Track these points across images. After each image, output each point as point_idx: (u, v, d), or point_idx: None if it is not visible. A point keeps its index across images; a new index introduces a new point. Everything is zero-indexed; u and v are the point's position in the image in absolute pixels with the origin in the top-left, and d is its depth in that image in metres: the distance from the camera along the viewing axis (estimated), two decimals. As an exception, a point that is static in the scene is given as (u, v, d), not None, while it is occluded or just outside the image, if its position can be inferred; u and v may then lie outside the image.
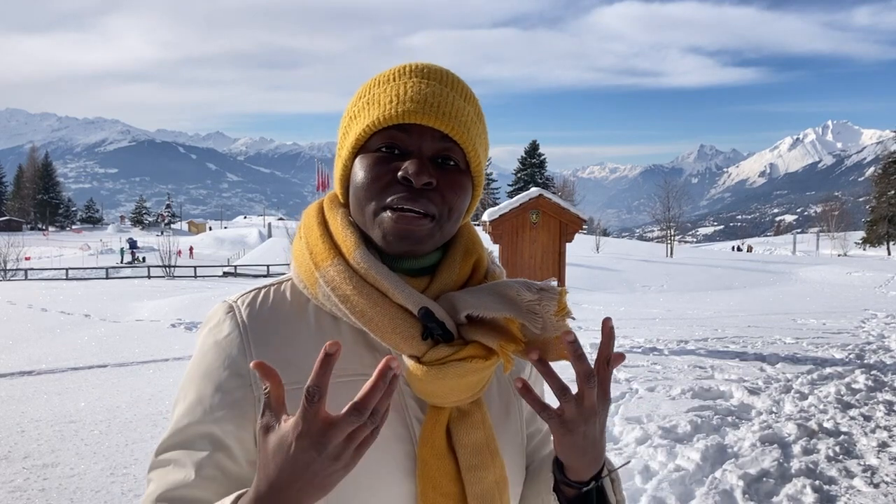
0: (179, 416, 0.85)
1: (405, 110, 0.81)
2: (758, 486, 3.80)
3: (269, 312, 0.88)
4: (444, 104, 0.83)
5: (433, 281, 0.87)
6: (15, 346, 9.26)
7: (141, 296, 18.82)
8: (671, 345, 8.32)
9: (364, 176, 0.83)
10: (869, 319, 11.34)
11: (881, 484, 3.85)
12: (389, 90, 0.84)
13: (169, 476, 0.82)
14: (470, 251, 0.91)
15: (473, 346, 0.83)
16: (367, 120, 0.83)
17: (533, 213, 7.67)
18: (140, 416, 5.26)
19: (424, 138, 0.83)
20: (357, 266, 0.83)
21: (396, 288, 0.82)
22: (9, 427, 4.97)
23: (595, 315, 12.96)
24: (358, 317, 0.82)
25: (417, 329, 0.82)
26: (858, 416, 5.15)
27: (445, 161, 0.85)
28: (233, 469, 0.83)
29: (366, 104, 0.85)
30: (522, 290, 0.83)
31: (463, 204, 0.87)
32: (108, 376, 6.98)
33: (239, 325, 0.86)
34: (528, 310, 0.82)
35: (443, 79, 0.87)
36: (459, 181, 0.85)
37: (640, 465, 4.06)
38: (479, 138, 0.88)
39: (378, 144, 0.84)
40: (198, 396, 0.85)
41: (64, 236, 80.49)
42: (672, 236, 49.18)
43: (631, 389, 5.92)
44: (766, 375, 6.53)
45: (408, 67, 0.87)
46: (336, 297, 0.83)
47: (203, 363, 0.87)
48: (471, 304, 0.83)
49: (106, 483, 3.85)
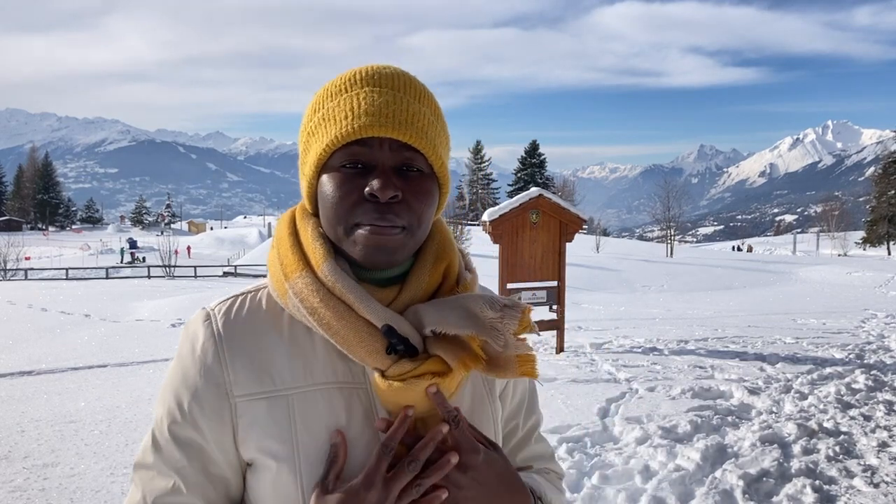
0: (160, 419, 0.88)
1: (361, 125, 0.81)
2: (758, 486, 3.79)
3: (244, 321, 0.89)
4: (399, 112, 0.83)
5: (401, 292, 0.87)
6: (15, 346, 9.26)
7: (141, 296, 18.83)
8: (671, 345, 8.32)
9: (332, 196, 0.84)
10: (869, 319, 11.34)
11: (881, 484, 3.85)
12: (343, 103, 0.84)
13: (155, 482, 0.87)
14: (441, 257, 0.91)
15: (433, 361, 0.83)
16: (326, 139, 0.83)
17: (533, 213, 7.67)
18: (140, 416, 5.25)
19: (385, 150, 0.83)
20: (324, 279, 0.84)
21: (362, 302, 0.83)
22: (9, 427, 4.97)
23: (595, 315, 12.97)
24: (325, 329, 0.83)
25: (382, 343, 0.82)
26: (858, 416, 5.15)
27: (409, 169, 0.84)
28: (215, 472, 0.87)
29: (321, 120, 0.85)
30: (486, 307, 0.84)
31: (431, 210, 0.87)
32: (108, 376, 6.98)
33: (214, 333, 0.88)
34: (491, 327, 0.83)
35: (395, 83, 0.86)
36: (425, 187, 0.85)
37: (640, 464, 4.05)
38: (438, 139, 0.87)
39: (341, 161, 0.84)
40: (177, 402, 0.87)
41: (64, 236, 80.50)
42: (672, 236, 49.20)
43: (631, 389, 5.92)
44: (766, 375, 6.53)
45: (358, 74, 0.86)
46: (304, 309, 0.84)
47: (180, 369, 0.89)
48: (435, 319, 0.84)
49: (106, 483, 3.85)
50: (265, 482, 0.85)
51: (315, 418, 0.84)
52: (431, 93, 0.91)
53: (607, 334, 9.41)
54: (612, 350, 8.01)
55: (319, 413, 0.84)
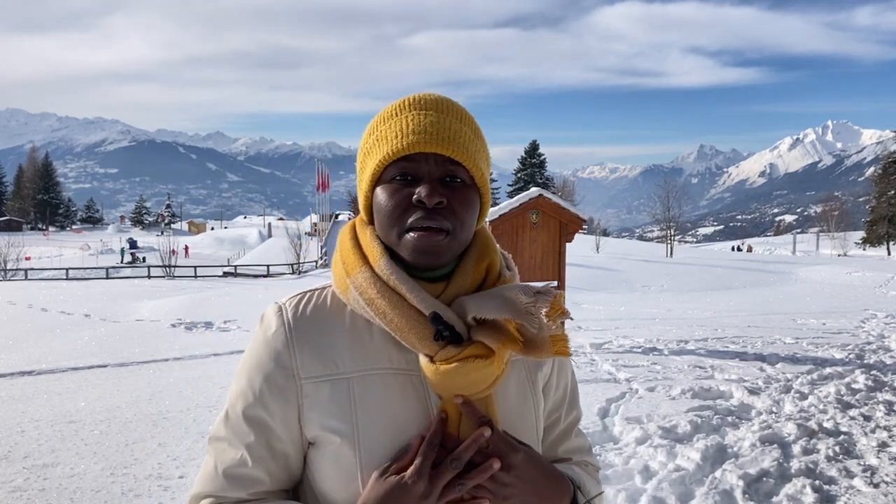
0: (234, 397, 1.00)
1: (409, 142, 0.93)
2: (758, 486, 3.79)
3: (311, 313, 1.01)
4: (443, 130, 0.95)
5: (448, 286, 0.98)
6: (15, 346, 9.26)
7: (141, 296, 18.82)
8: (671, 345, 8.32)
9: (385, 204, 0.96)
10: (869, 319, 11.34)
11: (881, 484, 3.85)
12: (394, 125, 0.96)
13: (226, 454, 0.99)
14: (482, 256, 1.02)
15: (476, 346, 0.93)
16: (379, 156, 0.96)
17: (533, 213, 7.67)
18: (140, 416, 5.25)
19: (430, 163, 0.95)
20: (381, 273, 0.96)
21: (412, 292, 0.94)
22: (9, 427, 4.97)
23: (595, 315, 12.96)
24: (381, 318, 0.95)
25: (431, 331, 0.92)
26: (858, 416, 5.15)
27: (452, 180, 0.96)
28: (278, 448, 0.98)
29: (375, 140, 0.98)
30: (520, 294, 0.94)
31: (473, 216, 0.98)
32: (108, 376, 6.98)
33: (285, 323, 1.00)
34: (526, 311, 0.92)
35: (439, 107, 0.98)
36: (466, 196, 0.97)
37: (640, 465, 4.06)
38: (478, 154, 0.99)
39: (392, 175, 0.96)
40: (249, 384, 0.99)
41: (64, 236, 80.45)
42: (672, 236, 49.16)
43: (631, 389, 5.92)
44: (766, 375, 6.53)
45: (407, 101, 0.99)
46: (363, 301, 0.96)
47: (254, 355, 1.00)
48: (476, 307, 0.94)
49: (106, 483, 3.85)
50: (327, 457, 0.96)
51: (372, 399, 0.95)
52: (471, 115, 1.03)
53: (607, 334, 9.41)
54: (612, 350, 8.01)
55: (376, 395, 0.95)
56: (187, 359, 8.06)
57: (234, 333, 10.58)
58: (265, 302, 10.80)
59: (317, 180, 57.85)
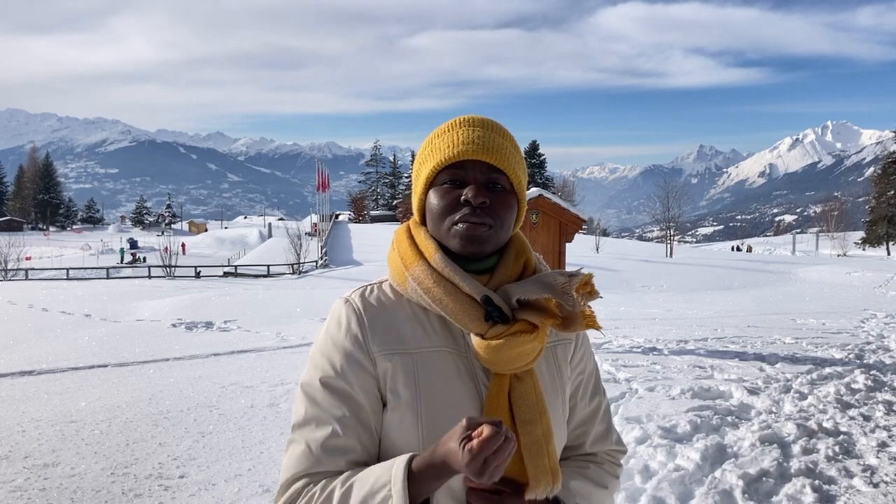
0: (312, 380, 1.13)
1: (458, 151, 1.11)
2: (757, 486, 3.80)
3: (375, 300, 1.17)
4: (488, 143, 1.12)
5: (492, 277, 1.15)
6: (15, 346, 9.26)
7: (141, 296, 18.80)
8: (671, 345, 8.32)
9: (437, 203, 1.13)
10: (868, 319, 11.34)
11: (881, 484, 3.85)
12: (446, 138, 1.14)
13: (316, 433, 1.10)
14: (520, 253, 1.19)
15: (521, 323, 1.09)
16: (433, 163, 1.13)
17: (533, 213, 7.67)
18: (140, 416, 5.26)
19: (476, 171, 1.12)
20: (436, 265, 1.12)
21: (465, 281, 1.10)
22: (9, 427, 4.97)
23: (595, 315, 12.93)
24: (437, 304, 1.10)
25: (481, 313, 1.09)
26: (858, 416, 5.15)
27: (495, 185, 1.12)
28: (364, 418, 1.11)
29: (430, 152, 1.15)
30: (557, 276, 1.12)
31: (511, 216, 1.15)
32: (109, 376, 6.98)
33: (356, 309, 1.15)
34: (562, 290, 1.10)
35: (485, 125, 1.16)
36: (506, 199, 1.13)
37: (639, 464, 4.06)
38: (517, 165, 1.15)
39: (443, 179, 1.13)
40: (329, 362, 1.12)
41: (64, 236, 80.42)
42: (672, 236, 49.15)
43: (631, 389, 5.92)
44: (766, 375, 6.53)
45: (457, 120, 1.17)
46: (421, 290, 1.12)
47: (330, 339, 1.15)
48: (518, 290, 1.11)
49: (106, 483, 3.86)
50: (393, 420, 1.10)
51: (432, 372, 1.11)
52: (512, 134, 1.19)
53: (607, 334, 9.41)
54: (612, 350, 8.01)
55: (435, 368, 1.11)
56: (188, 359, 8.06)
57: (234, 333, 10.57)
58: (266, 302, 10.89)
59: (317, 180, 57.84)
